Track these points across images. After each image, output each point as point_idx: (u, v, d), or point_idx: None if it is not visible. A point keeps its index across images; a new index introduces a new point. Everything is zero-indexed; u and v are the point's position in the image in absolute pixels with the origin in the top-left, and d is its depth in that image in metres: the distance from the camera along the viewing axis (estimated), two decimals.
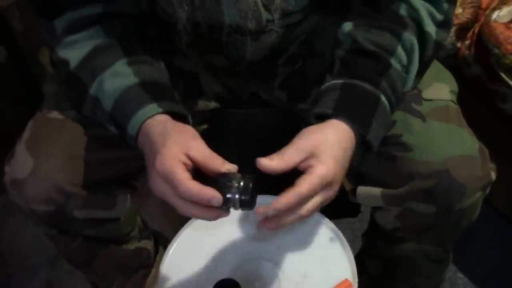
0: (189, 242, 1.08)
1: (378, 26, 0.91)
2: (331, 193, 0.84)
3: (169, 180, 0.79)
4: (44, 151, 1.00)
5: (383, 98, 0.88)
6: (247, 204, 0.80)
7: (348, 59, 0.91)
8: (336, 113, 0.86)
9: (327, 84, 0.91)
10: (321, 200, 0.83)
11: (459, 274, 1.57)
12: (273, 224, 0.83)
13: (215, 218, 0.81)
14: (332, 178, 0.82)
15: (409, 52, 0.91)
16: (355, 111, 0.86)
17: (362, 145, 0.89)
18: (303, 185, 0.80)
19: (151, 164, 0.83)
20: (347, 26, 0.93)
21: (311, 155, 0.82)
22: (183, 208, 0.80)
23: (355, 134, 0.86)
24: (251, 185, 0.80)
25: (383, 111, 0.88)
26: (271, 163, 0.80)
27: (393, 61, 0.89)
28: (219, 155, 0.82)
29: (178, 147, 0.81)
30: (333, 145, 0.83)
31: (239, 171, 0.82)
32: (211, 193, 0.77)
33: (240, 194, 0.79)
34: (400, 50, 0.90)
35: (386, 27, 0.91)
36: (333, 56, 0.95)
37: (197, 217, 0.81)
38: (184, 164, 0.80)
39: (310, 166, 0.82)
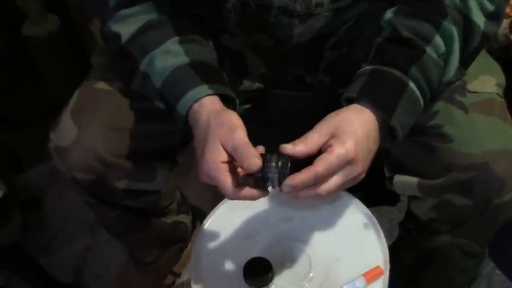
0: (223, 219, 1.09)
1: (418, 14, 0.90)
2: (353, 173, 0.84)
3: (217, 184, 0.84)
4: (88, 120, 1.02)
5: (411, 85, 0.87)
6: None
7: (383, 46, 0.91)
8: (360, 97, 0.87)
9: (360, 70, 0.91)
10: (342, 180, 0.83)
11: (497, 271, 1.54)
12: (290, 194, 0.84)
13: (255, 199, 0.85)
14: (353, 157, 0.82)
15: (448, 42, 0.89)
16: (379, 96, 0.86)
17: (389, 133, 0.89)
18: (319, 164, 0.81)
19: (199, 159, 0.87)
20: (388, 13, 0.92)
21: (332, 136, 0.83)
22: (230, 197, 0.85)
23: (378, 120, 0.86)
24: (289, 164, 0.82)
25: (411, 98, 0.87)
26: (295, 148, 0.82)
27: (428, 49, 0.88)
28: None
29: (217, 144, 0.84)
30: (353, 125, 0.84)
31: (276, 151, 0.84)
32: (257, 194, 0.84)
33: (280, 173, 0.82)
34: (438, 39, 0.89)
35: (426, 16, 0.89)
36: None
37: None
38: (227, 162, 0.84)
39: (330, 146, 0.82)
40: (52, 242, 1.70)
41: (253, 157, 0.82)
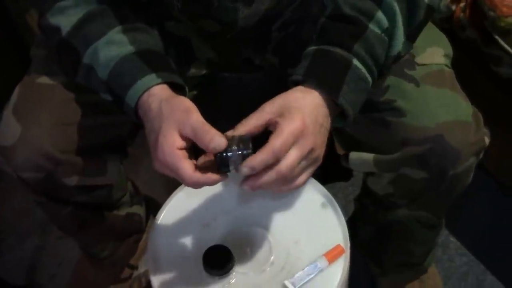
0: (179, 207, 1.07)
1: None
2: (307, 145, 0.82)
3: (174, 172, 0.81)
4: (32, 117, 0.99)
5: (355, 62, 0.86)
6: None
7: (326, 25, 0.90)
8: (305, 79, 0.86)
9: (305, 51, 0.90)
10: (299, 153, 0.81)
11: (451, 238, 1.57)
12: (251, 182, 0.82)
13: (215, 183, 0.84)
14: (302, 128, 0.81)
15: (390, 17, 0.89)
16: (324, 76, 0.85)
17: (340, 113, 0.88)
18: (274, 141, 0.79)
19: (152, 148, 0.84)
20: None
21: (278, 115, 0.82)
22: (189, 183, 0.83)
23: (325, 98, 0.85)
24: (250, 144, 0.81)
25: (357, 75, 0.87)
26: (234, 131, 0.82)
27: (371, 25, 0.88)
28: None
29: (172, 130, 0.82)
30: (298, 101, 0.83)
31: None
32: (216, 179, 0.83)
33: (242, 154, 0.80)
34: (380, 14, 0.88)
35: None
36: None
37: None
38: (184, 148, 0.82)
39: (277, 123, 0.81)
40: (1, 243, 1.65)
41: (217, 137, 0.80)
